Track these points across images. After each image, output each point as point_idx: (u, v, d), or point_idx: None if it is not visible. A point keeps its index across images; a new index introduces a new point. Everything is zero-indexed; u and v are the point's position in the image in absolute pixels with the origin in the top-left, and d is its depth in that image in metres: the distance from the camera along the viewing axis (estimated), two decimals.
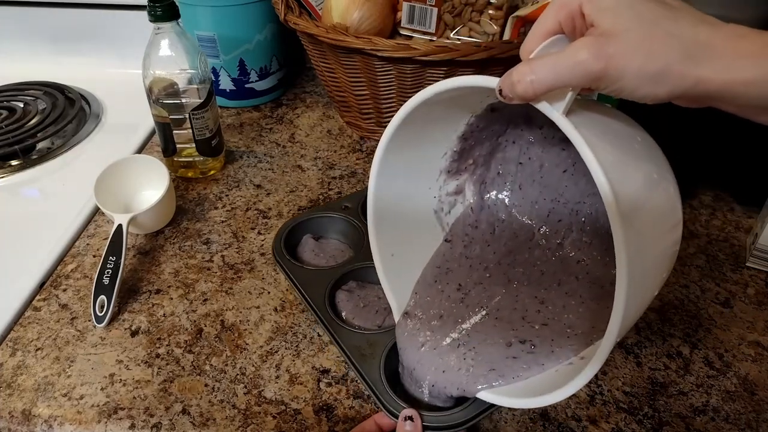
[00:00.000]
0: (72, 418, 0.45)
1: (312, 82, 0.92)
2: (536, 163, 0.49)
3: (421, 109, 0.42)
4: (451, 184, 0.52)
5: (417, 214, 0.51)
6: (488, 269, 0.50)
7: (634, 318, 0.39)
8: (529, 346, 0.43)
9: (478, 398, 0.42)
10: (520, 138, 0.49)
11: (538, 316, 0.45)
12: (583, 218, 0.48)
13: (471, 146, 0.49)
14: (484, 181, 0.52)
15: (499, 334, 0.45)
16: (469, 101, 0.45)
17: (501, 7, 0.65)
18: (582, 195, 0.48)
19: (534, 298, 0.47)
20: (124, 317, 0.53)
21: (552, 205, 0.49)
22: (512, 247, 0.50)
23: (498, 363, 0.43)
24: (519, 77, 0.33)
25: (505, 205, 0.52)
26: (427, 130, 0.46)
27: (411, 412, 0.42)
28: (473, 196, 0.52)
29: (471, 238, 0.52)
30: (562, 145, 0.47)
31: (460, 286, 0.49)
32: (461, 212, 0.53)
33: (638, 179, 0.36)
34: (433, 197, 0.51)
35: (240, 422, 0.44)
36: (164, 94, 0.64)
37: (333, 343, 0.50)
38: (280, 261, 0.56)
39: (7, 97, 0.85)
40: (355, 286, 0.54)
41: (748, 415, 0.46)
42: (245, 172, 0.72)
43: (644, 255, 0.35)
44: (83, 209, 0.65)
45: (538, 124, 0.48)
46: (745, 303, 0.55)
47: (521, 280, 0.48)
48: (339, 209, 0.62)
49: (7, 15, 0.94)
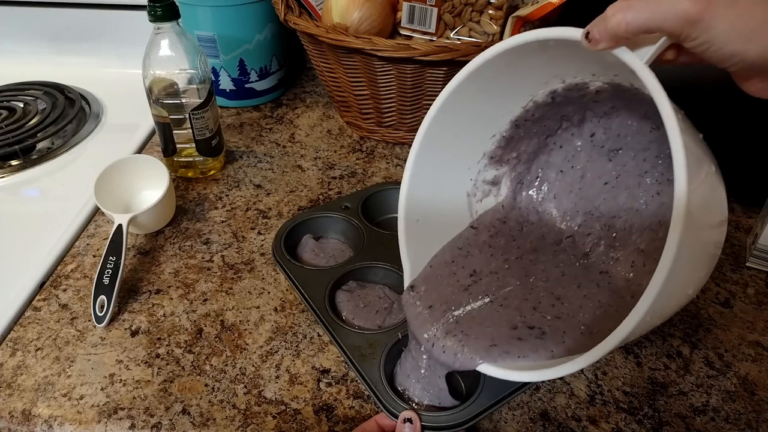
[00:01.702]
0: (72, 418, 0.45)
1: (312, 82, 0.92)
2: (578, 172, 0.49)
3: (485, 72, 0.41)
4: (490, 172, 0.51)
5: (451, 190, 0.50)
6: (509, 261, 0.49)
7: (666, 308, 0.38)
8: (538, 332, 0.43)
9: (479, 399, 0.42)
10: (568, 143, 0.49)
11: (552, 310, 0.45)
12: (615, 234, 0.47)
13: (520, 137, 0.49)
14: (522, 181, 0.52)
15: (502, 318, 0.44)
16: (532, 80, 0.44)
17: (501, 7, 0.65)
18: (619, 209, 0.47)
19: (550, 294, 0.46)
20: (124, 317, 0.53)
21: (585, 218, 0.49)
22: (538, 246, 0.50)
23: (500, 340, 0.42)
24: (614, 10, 0.32)
25: (537, 211, 0.51)
26: (482, 102, 0.45)
27: (410, 414, 0.42)
28: (507, 193, 0.52)
29: (497, 230, 0.51)
30: (610, 156, 0.47)
31: (474, 272, 0.48)
32: (492, 206, 0.52)
33: (705, 165, 0.35)
34: (470, 179, 0.51)
35: (240, 422, 0.44)
36: (164, 94, 0.64)
37: (333, 343, 0.50)
38: (280, 261, 0.56)
39: (7, 97, 0.85)
40: (355, 286, 0.54)
41: (748, 415, 0.46)
42: (245, 172, 0.72)
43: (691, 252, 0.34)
44: (83, 209, 0.65)
45: (589, 130, 0.47)
46: (745, 303, 0.55)
47: (540, 276, 0.48)
48: (339, 209, 0.62)
49: (7, 15, 0.94)
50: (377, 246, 0.57)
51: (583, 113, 0.47)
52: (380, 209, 0.64)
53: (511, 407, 0.46)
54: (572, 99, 0.45)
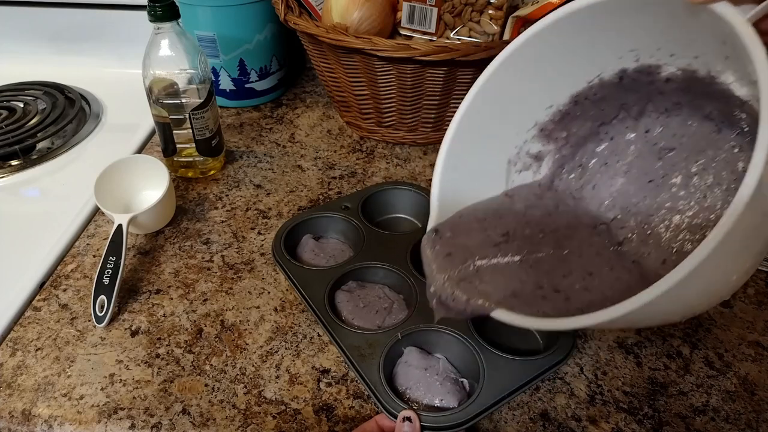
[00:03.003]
0: (72, 418, 0.45)
1: (312, 82, 0.92)
2: (623, 168, 0.48)
3: (568, 24, 0.40)
4: (536, 146, 0.50)
5: (494, 150, 0.50)
6: (544, 231, 0.48)
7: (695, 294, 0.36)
8: (563, 296, 0.42)
9: (478, 399, 0.42)
10: (620, 136, 0.48)
11: (582, 281, 0.44)
12: (649, 231, 0.46)
13: (575, 116, 0.48)
14: (563, 165, 0.51)
15: (530, 276, 0.43)
16: (606, 50, 0.43)
17: (501, 7, 0.65)
18: (658, 208, 0.46)
19: (582, 268, 0.45)
20: (124, 317, 0.53)
21: (621, 212, 0.48)
22: (574, 224, 0.49)
23: (523, 293, 0.41)
24: None
25: (573, 197, 0.50)
26: (550, 62, 0.44)
27: (409, 413, 0.42)
28: (547, 173, 0.51)
29: (533, 204, 0.50)
30: (661, 155, 0.46)
31: (507, 233, 0.47)
32: (528, 182, 0.51)
33: None
34: (515, 146, 0.50)
35: (240, 422, 0.44)
36: (164, 94, 0.64)
37: (333, 343, 0.50)
38: (280, 261, 0.56)
39: (7, 97, 0.85)
40: (355, 286, 0.54)
41: (748, 415, 0.46)
42: (245, 172, 0.72)
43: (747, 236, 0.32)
44: (83, 209, 0.65)
45: (646, 125, 0.47)
46: (744, 303, 0.55)
47: (574, 251, 0.47)
48: (339, 209, 0.62)
49: (7, 15, 0.94)
50: (377, 246, 0.57)
51: (644, 105, 0.46)
52: (380, 209, 0.64)
53: (511, 407, 0.46)
54: (639, 85, 0.44)
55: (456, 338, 0.48)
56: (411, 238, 0.58)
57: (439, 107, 0.72)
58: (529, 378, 0.46)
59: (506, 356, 0.47)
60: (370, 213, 0.63)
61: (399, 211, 0.65)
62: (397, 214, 0.65)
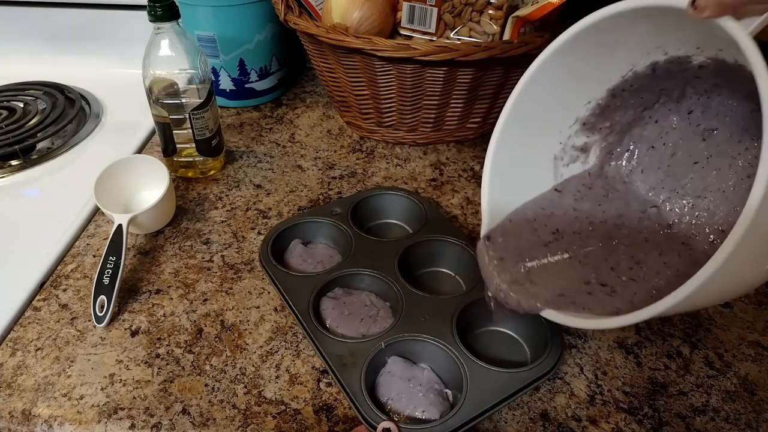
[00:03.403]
0: (72, 418, 0.45)
1: (312, 82, 0.93)
2: (669, 150, 0.49)
3: (592, 33, 0.41)
4: (581, 139, 0.51)
5: (539, 150, 0.51)
6: (593, 224, 0.50)
7: (718, 293, 0.38)
8: (609, 290, 0.43)
9: (466, 405, 0.43)
10: (664, 119, 0.49)
11: (629, 272, 0.45)
12: (698, 213, 0.47)
13: (616, 107, 0.49)
14: (612, 152, 0.51)
15: (577, 273, 0.45)
16: (635, 48, 0.44)
17: (501, 7, 0.65)
18: (705, 190, 0.47)
19: (630, 258, 0.46)
20: (124, 317, 0.53)
21: (669, 194, 0.49)
22: (623, 212, 0.50)
23: (570, 291, 0.43)
24: None
25: (624, 182, 0.51)
26: (582, 66, 0.45)
27: (389, 425, 0.41)
28: (595, 162, 0.52)
29: (582, 195, 0.52)
30: (704, 135, 0.47)
31: (557, 231, 0.49)
32: (578, 172, 0.52)
33: None
34: (559, 143, 0.51)
35: (240, 422, 0.44)
36: (164, 94, 0.64)
37: (315, 351, 0.49)
38: (266, 266, 0.55)
39: (7, 97, 0.86)
40: (342, 293, 0.54)
41: (748, 415, 0.46)
42: (245, 172, 0.72)
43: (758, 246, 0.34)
44: (83, 209, 0.65)
45: (687, 107, 0.47)
46: (744, 303, 0.55)
47: (622, 240, 0.48)
48: (328, 214, 0.61)
49: (7, 15, 0.94)
50: (365, 252, 0.56)
51: (683, 89, 0.46)
52: (370, 215, 0.63)
53: (511, 407, 0.46)
54: (673, 73, 0.45)
55: (441, 348, 0.47)
56: (400, 244, 0.57)
57: (439, 107, 0.72)
58: (513, 391, 0.45)
59: (490, 368, 0.46)
60: (360, 219, 0.62)
61: (390, 216, 0.64)
62: (389, 219, 0.64)
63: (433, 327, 0.49)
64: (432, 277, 0.57)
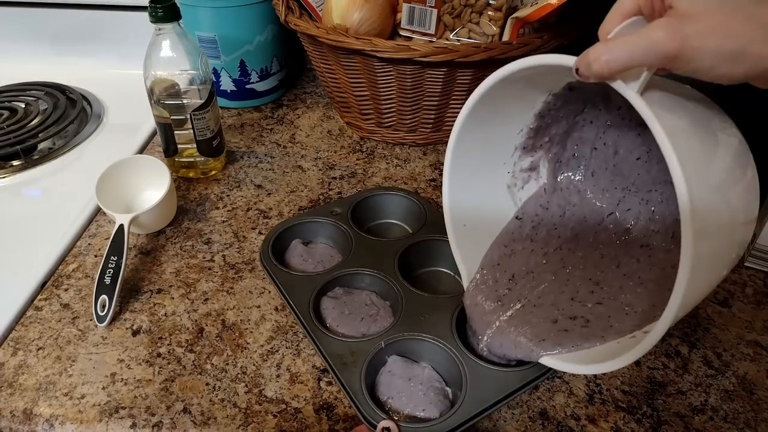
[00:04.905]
0: (73, 417, 0.45)
1: (312, 83, 0.93)
2: (611, 149, 0.50)
3: (497, 87, 0.42)
4: (526, 161, 0.52)
5: (491, 187, 0.52)
6: (547, 255, 0.51)
7: (695, 300, 0.39)
8: (582, 321, 0.44)
9: (466, 404, 0.43)
10: (597, 119, 0.50)
11: (591, 297, 0.46)
12: (653, 207, 0.48)
13: (548, 124, 0.50)
14: (560, 160, 0.52)
15: (539, 317, 0.46)
16: (546, 79, 0.45)
17: (500, 9, 0.65)
18: (654, 183, 0.48)
19: (588, 281, 0.47)
20: (126, 317, 0.53)
21: (623, 194, 0.50)
22: (579, 231, 0.51)
23: (546, 335, 0.44)
24: (595, 56, 0.33)
25: (578, 190, 0.52)
26: (503, 107, 0.46)
27: (388, 424, 0.41)
28: (547, 175, 0.53)
29: (540, 219, 0.53)
30: (638, 130, 0.47)
31: (513, 276, 0.50)
32: (534, 191, 0.54)
33: (716, 167, 0.36)
34: (507, 172, 0.52)
35: (241, 421, 0.45)
36: (165, 94, 0.65)
37: (316, 351, 0.49)
38: (267, 266, 0.56)
39: (9, 97, 0.86)
40: (342, 293, 0.54)
41: (746, 414, 0.46)
42: (246, 172, 0.72)
43: (711, 249, 0.35)
44: (85, 209, 0.65)
45: (615, 104, 0.48)
46: (743, 302, 0.55)
47: (576, 265, 0.49)
48: (328, 214, 0.61)
49: (8, 15, 0.94)
50: (365, 252, 0.56)
51: (605, 91, 0.47)
52: (370, 215, 0.64)
53: (511, 406, 0.46)
54: (589, 84, 0.46)
55: (440, 347, 0.48)
56: (400, 244, 0.57)
57: (439, 108, 0.72)
58: (512, 390, 0.45)
59: (489, 367, 0.46)
60: (360, 218, 0.62)
61: (390, 216, 0.64)
62: (389, 219, 0.64)
63: (432, 326, 0.49)
64: (432, 276, 0.58)
